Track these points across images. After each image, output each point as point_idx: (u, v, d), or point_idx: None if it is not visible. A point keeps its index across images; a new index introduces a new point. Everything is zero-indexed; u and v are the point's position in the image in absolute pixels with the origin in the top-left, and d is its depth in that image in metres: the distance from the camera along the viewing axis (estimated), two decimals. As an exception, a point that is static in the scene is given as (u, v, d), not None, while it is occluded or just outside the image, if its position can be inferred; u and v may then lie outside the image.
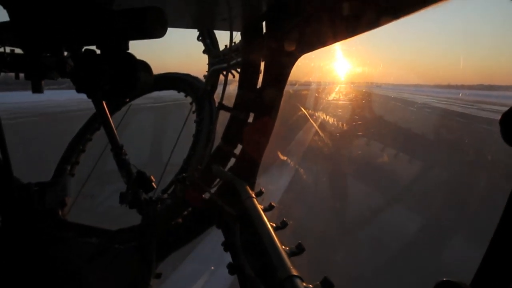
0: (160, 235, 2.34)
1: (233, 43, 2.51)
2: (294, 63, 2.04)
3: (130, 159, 2.53)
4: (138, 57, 1.47)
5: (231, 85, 2.64)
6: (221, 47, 3.54)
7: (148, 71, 1.47)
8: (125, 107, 3.76)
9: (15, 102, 24.02)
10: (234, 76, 2.80)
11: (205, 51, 3.72)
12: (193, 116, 3.56)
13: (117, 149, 2.48)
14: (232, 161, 2.33)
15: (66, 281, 2.23)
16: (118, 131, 2.56)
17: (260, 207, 1.69)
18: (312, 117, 21.58)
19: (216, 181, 2.33)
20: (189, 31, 3.14)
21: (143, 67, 1.45)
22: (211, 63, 3.68)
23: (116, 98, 2.13)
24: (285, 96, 2.13)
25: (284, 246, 1.30)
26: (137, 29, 1.38)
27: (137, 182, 2.44)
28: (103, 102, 2.41)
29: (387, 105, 38.28)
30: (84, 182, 3.42)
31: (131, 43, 1.46)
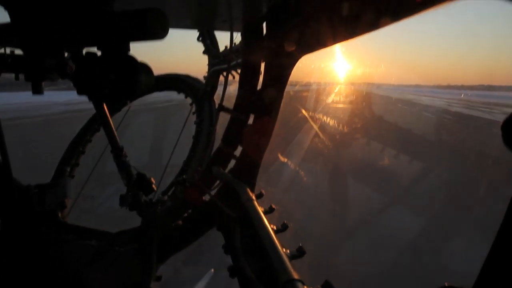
0: (160, 237, 2.33)
1: (233, 44, 2.50)
2: (295, 64, 2.03)
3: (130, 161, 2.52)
4: (137, 56, 1.46)
5: (231, 86, 2.63)
6: (221, 48, 3.53)
7: (149, 73, 1.46)
8: (124, 108, 3.75)
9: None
10: (234, 77, 2.79)
11: (205, 51, 3.70)
12: (193, 117, 3.55)
13: (117, 151, 2.47)
14: (232, 163, 2.32)
15: (66, 283, 2.22)
16: (118, 132, 2.56)
17: (261, 210, 1.68)
18: (313, 118, 21.49)
19: (216, 183, 2.32)
20: (189, 32, 3.14)
21: (144, 69, 1.44)
22: (211, 64, 3.67)
23: (117, 100, 2.13)
24: (285, 97, 2.13)
25: (284, 249, 1.29)
26: (138, 31, 1.37)
27: (137, 184, 2.43)
28: (103, 103, 2.40)
29: (396, 109, 34.59)
30: (84, 184, 3.41)
31: (131, 45, 1.46)
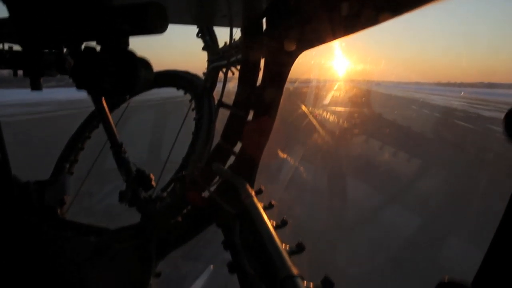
0: (160, 233, 2.33)
1: (232, 40, 2.49)
2: (294, 60, 2.02)
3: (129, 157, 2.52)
4: (136, 53, 1.45)
5: (230, 82, 2.62)
6: (221, 44, 3.52)
7: (149, 68, 1.45)
8: (124, 104, 3.74)
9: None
10: (233, 74, 2.78)
11: (204, 48, 3.69)
12: (192, 114, 3.54)
13: (116, 147, 2.47)
14: (232, 159, 2.31)
15: (65, 279, 2.22)
16: (117, 128, 2.55)
17: (260, 205, 1.68)
18: (312, 114, 21.42)
19: (216, 179, 2.32)
20: (189, 28, 3.12)
21: (144, 64, 1.43)
22: (210, 60, 3.66)
23: (116, 96, 2.11)
24: (285, 93, 2.12)
25: (284, 245, 1.29)
26: (138, 25, 1.36)
27: (137, 180, 2.42)
28: (103, 99, 2.39)
29: (408, 112, 30.02)
30: (83, 180, 3.41)
31: (130, 40, 1.45)
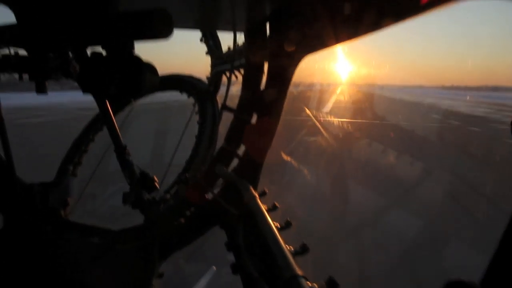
0: (163, 235, 2.34)
1: (236, 45, 2.51)
2: (298, 64, 2.04)
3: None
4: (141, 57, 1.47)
5: (234, 86, 2.63)
6: (224, 48, 3.55)
7: (154, 72, 1.47)
8: (127, 108, 3.76)
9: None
10: (237, 78, 2.80)
11: (208, 52, 3.72)
12: (196, 117, 3.56)
13: (120, 150, 2.49)
14: (235, 162, 2.33)
15: (69, 281, 2.23)
16: (120, 131, 2.57)
17: (264, 207, 1.69)
18: (316, 118, 21.41)
19: (219, 182, 2.33)
20: (192, 32, 3.15)
21: (149, 68, 1.45)
22: (214, 64, 3.68)
23: (122, 99, 2.13)
24: (289, 97, 2.13)
25: (288, 246, 1.30)
26: (143, 31, 1.38)
27: (140, 182, 2.44)
28: (107, 102, 2.41)
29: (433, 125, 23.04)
30: (87, 183, 3.43)
31: (135, 44, 1.47)
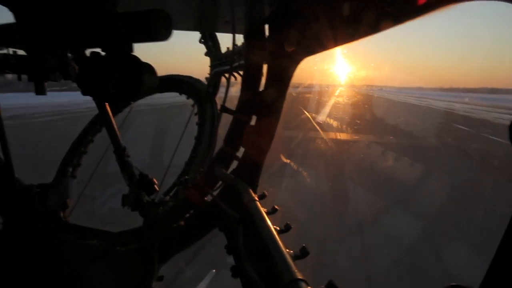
0: (162, 237, 2.33)
1: (235, 46, 2.50)
2: (297, 66, 2.04)
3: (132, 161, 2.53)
4: (140, 58, 1.46)
5: (233, 87, 2.63)
6: (223, 49, 3.55)
7: (153, 74, 1.47)
8: (126, 109, 3.76)
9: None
10: (236, 79, 2.80)
11: (207, 53, 3.72)
12: (195, 118, 3.56)
13: (119, 151, 2.48)
14: (235, 164, 2.32)
15: (68, 283, 2.23)
16: (120, 132, 2.56)
17: (263, 210, 1.68)
18: (314, 119, 21.48)
19: (219, 184, 2.32)
20: (192, 34, 3.15)
21: (148, 69, 1.45)
22: (213, 65, 3.68)
23: (121, 101, 2.12)
24: (287, 99, 2.13)
25: (288, 250, 1.29)
26: (142, 32, 1.37)
27: (140, 184, 2.43)
28: (106, 104, 2.41)
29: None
30: (86, 184, 3.42)
31: (134, 45, 1.46)
